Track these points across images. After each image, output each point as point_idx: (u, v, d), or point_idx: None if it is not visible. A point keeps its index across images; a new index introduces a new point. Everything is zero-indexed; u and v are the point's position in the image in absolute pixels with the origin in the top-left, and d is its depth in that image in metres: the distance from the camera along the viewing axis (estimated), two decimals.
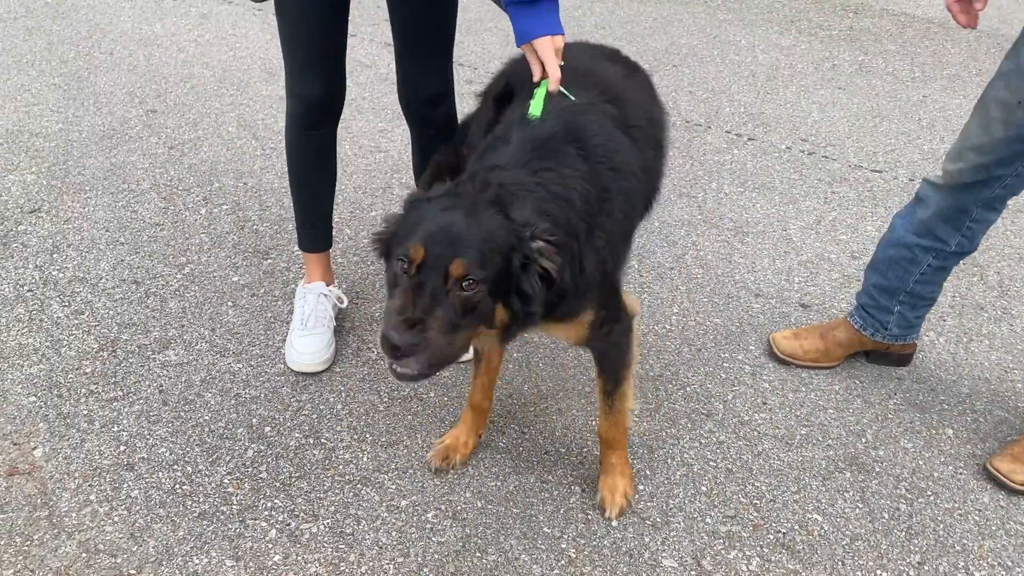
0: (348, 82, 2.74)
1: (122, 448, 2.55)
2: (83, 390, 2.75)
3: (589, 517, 2.38)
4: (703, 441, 2.64)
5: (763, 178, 4.17)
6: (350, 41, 2.72)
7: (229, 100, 4.79)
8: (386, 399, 2.74)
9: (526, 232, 1.79)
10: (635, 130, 2.26)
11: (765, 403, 2.80)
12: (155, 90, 4.87)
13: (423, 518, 2.36)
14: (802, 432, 2.69)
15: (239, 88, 4.94)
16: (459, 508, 2.39)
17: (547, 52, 2.15)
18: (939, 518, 2.42)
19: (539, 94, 2.14)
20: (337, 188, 2.93)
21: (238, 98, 4.82)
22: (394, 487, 2.44)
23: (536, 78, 2.20)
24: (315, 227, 2.87)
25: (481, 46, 5.61)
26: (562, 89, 2.18)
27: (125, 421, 2.64)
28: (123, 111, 4.60)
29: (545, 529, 2.34)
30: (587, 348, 2.30)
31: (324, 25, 2.45)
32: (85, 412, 2.66)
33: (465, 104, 4.79)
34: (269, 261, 3.40)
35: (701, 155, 4.36)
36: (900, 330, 2.83)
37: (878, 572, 2.25)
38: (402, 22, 2.53)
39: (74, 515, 2.33)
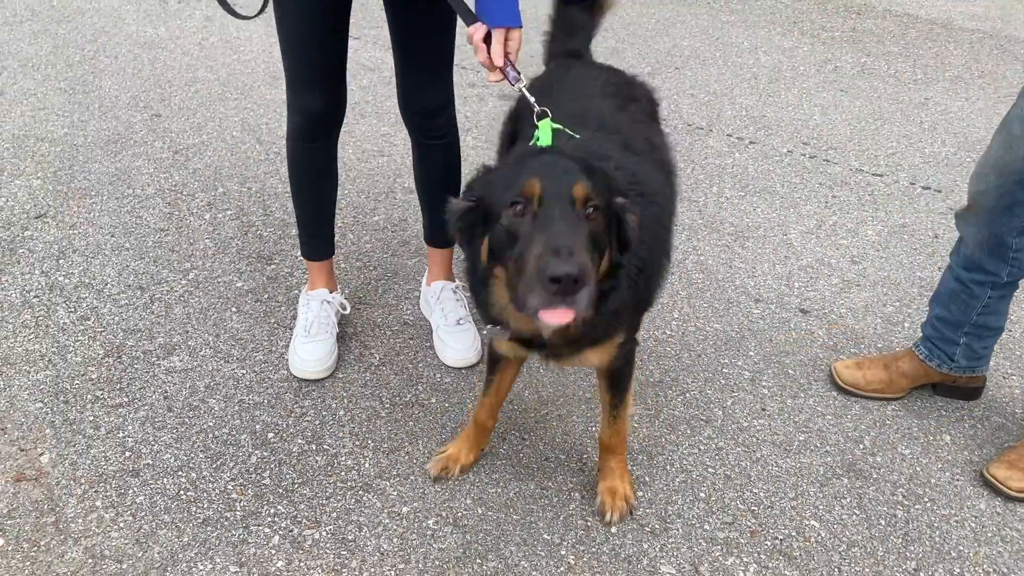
0: (351, 86, 2.78)
1: (128, 454, 2.58)
2: (89, 396, 2.78)
3: (588, 524, 2.40)
4: (702, 447, 2.66)
5: (764, 182, 4.18)
6: (353, 44, 2.75)
7: (233, 104, 4.82)
8: (388, 405, 2.77)
9: (615, 180, 1.81)
10: (642, 155, 2.25)
11: (764, 409, 2.82)
12: (159, 94, 4.91)
13: (424, 524, 2.39)
14: (800, 438, 2.71)
15: (243, 92, 4.97)
16: (460, 515, 2.42)
17: (519, 41, 2.27)
18: (936, 524, 2.44)
19: (544, 128, 2.12)
20: (340, 193, 2.96)
21: (242, 102, 4.85)
22: (395, 493, 2.47)
23: (500, 62, 2.24)
24: (318, 236, 2.90)
25: None
26: (564, 128, 2.15)
27: (130, 427, 2.67)
28: (128, 115, 4.64)
29: (544, 536, 2.37)
30: (602, 371, 2.29)
31: (324, 39, 2.48)
32: (91, 418, 2.70)
33: (468, 107, 4.83)
34: (273, 266, 3.43)
35: (702, 159, 4.38)
36: (967, 362, 2.77)
37: None
38: (401, 35, 2.55)
39: (80, 521, 2.36)
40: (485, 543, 2.34)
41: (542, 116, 2.15)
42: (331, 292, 2.97)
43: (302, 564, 2.27)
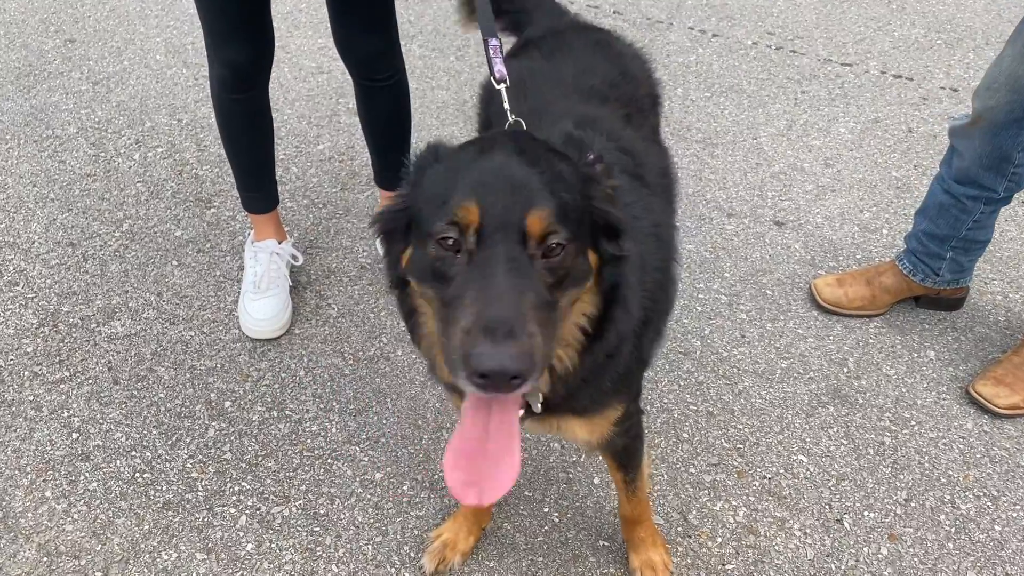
0: None
1: (75, 436, 2.41)
2: (26, 372, 2.58)
3: (574, 488, 2.31)
4: (682, 383, 2.56)
5: (730, 80, 3.96)
6: None
7: (155, 22, 4.41)
8: (351, 361, 2.61)
9: (587, 160, 1.38)
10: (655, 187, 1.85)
11: (743, 336, 2.71)
12: (72, 15, 4.47)
13: (399, 491, 2.27)
14: (783, 366, 2.61)
15: (164, 6, 4.54)
16: (436, 477, 2.30)
17: None
18: (924, 449, 2.38)
19: None
20: (279, 119, 2.69)
21: (164, 19, 4.44)
22: (366, 459, 2.34)
23: None
24: (259, 189, 2.65)
25: None
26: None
27: (75, 405, 2.49)
28: (39, 43, 4.22)
29: (527, 493, 2.27)
30: (599, 450, 1.85)
31: None
32: (31, 398, 2.50)
33: (411, 11, 4.46)
34: (213, 210, 3.18)
35: (664, 57, 4.12)
36: (952, 275, 2.67)
37: (865, 513, 2.22)
38: None
39: (30, 515, 2.21)
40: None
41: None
42: (280, 242, 2.75)
43: (273, 545, 2.15)
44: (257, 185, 2.64)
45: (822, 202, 3.25)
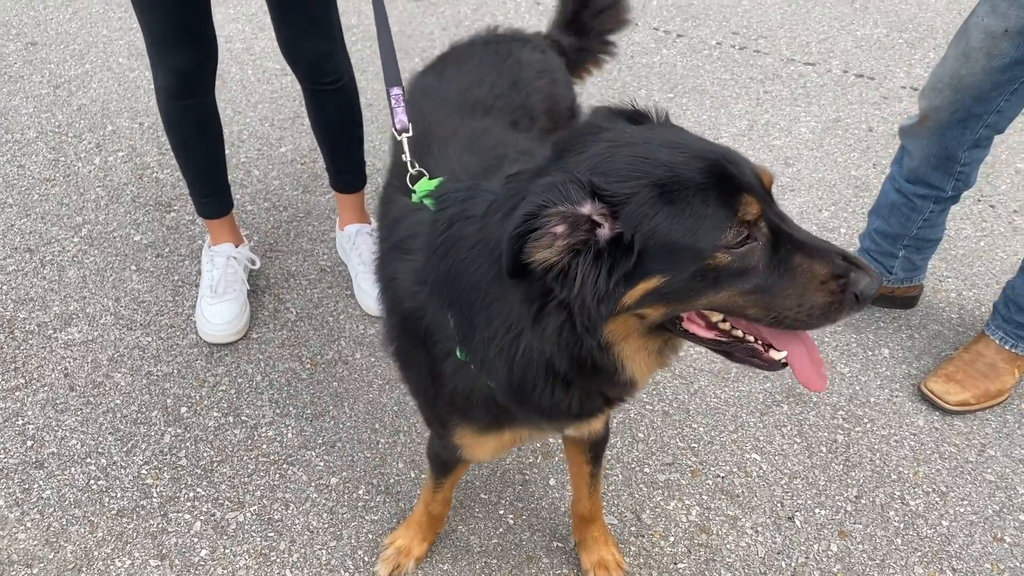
0: None
1: (29, 444, 2.39)
2: None
3: (529, 490, 2.32)
4: None
5: (693, 81, 3.98)
6: None
7: (117, 24, 4.39)
8: (308, 366, 2.61)
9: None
10: None
11: None
12: (34, 18, 4.43)
13: (355, 495, 2.27)
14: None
15: (128, 9, 4.51)
16: (391, 481, 2.31)
17: None
18: (875, 447, 2.41)
19: (424, 188, 1.62)
20: (242, 122, 2.68)
21: (127, 21, 4.41)
22: (322, 464, 2.34)
23: None
24: (212, 194, 2.64)
25: None
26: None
27: (30, 412, 2.48)
28: None
29: (482, 495, 2.28)
30: (584, 443, 1.93)
31: None
32: None
33: (369, 7, 4.44)
34: (172, 214, 3.16)
35: (629, 58, 4.14)
36: (906, 273, 2.71)
37: (816, 510, 2.25)
38: None
39: None
40: None
41: (417, 179, 1.67)
42: (236, 246, 2.74)
43: (227, 551, 2.15)
44: (210, 190, 2.63)
45: (781, 202, 3.24)
